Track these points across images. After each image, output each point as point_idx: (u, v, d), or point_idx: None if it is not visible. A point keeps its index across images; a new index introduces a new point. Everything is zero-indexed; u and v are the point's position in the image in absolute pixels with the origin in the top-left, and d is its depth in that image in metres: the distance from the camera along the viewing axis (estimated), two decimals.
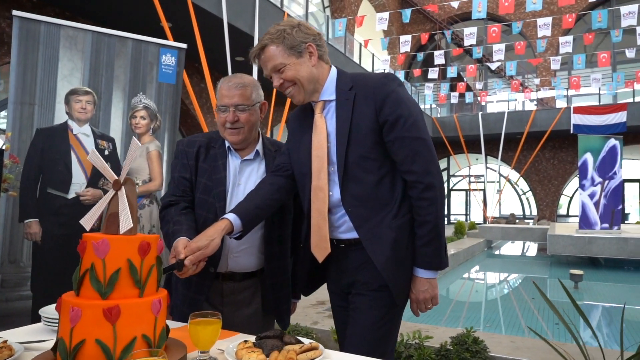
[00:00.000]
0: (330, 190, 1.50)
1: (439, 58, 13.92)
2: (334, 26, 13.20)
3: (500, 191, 17.21)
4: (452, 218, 20.27)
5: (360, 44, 15.07)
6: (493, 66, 15.75)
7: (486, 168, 17.54)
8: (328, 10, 16.55)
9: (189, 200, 1.66)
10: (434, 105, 19.29)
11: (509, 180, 18.09)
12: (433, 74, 14.90)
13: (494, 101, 18.91)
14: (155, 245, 1.14)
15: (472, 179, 19.91)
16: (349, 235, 1.51)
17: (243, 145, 1.71)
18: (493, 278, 8.71)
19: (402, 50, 13.18)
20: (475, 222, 13.88)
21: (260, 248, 1.67)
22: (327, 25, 14.50)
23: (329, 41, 12.68)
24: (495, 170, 17.82)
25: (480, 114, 17.15)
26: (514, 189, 19.73)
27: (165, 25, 6.37)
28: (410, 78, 20.50)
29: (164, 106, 2.75)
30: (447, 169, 20.56)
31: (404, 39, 13.08)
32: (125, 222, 1.10)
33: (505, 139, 16.35)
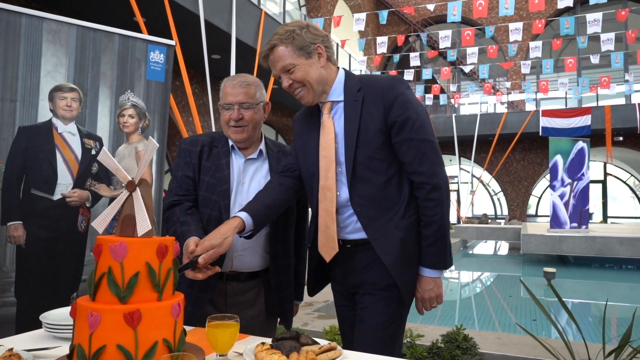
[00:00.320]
0: (338, 190, 1.51)
1: (415, 60, 14.14)
2: None
3: (473, 192, 17.61)
4: None
5: (337, 44, 15.13)
6: (466, 69, 16.10)
7: (460, 169, 17.91)
8: (304, 10, 16.54)
9: (192, 199, 1.64)
10: None
11: (482, 181, 18.52)
12: (408, 75, 15.08)
13: (465, 103, 19.32)
14: (172, 247, 1.11)
15: None
16: (356, 236, 1.52)
17: (247, 144, 1.71)
18: (470, 277, 8.90)
19: (379, 51, 13.30)
20: (451, 223, 14.16)
21: (265, 247, 1.67)
22: None
23: None
24: (468, 172, 18.21)
25: (454, 115, 17.49)
26: (486, 189, 20.22)
27: (140, 20, 6.22)
28: None
29: (152, 105, 2.68)
30: None
31: (380, 40, 13.21)
32: (143, 225, 1.07)
33: (477, 140, 16.72)
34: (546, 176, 18.57)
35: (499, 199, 20.26)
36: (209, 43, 7.66)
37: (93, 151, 2.46)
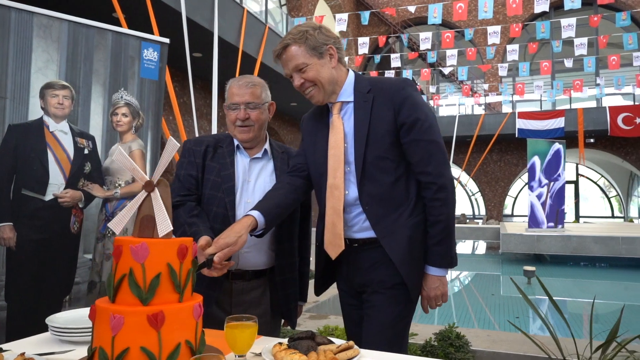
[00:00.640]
0: (347, 189, 1.53)
1: (395, 61, 14.28)
2: (292, 25, 13.19)
3: None
4: None
5: None
6: (446, 71, 16.34)
7: None
8: (285, 9, 16.50)
9: (195, 199, 1.64)
10: None
11: (460, 182, 18.84)
12: (389, 76, 15.25)
13: (444, 105, 19.61)
14: (192, 248, 1.10)
15: None
16: (363, 235, 1.55)
17: (253, 144, 1.73)
18: (451, 276, 9.04)
19: (361, 52, 13.39)
20: None
21: (270, 245, 1.68)
22: (286, 23, 14.48)
23: None
24: None
25: None
26: (464, 190, 20.57)
27: (120, 15, 6.09)
28: None
29: (146, 103, 2.64)
30: None
31: (362, 40, 13.29)
32: (164, 225, 1.06)
33: (456, 141, 16.99)
34: (522, 177, 19.06)
35: (476, 199, 20.64)
36: (190, 41, 7.56)
37: (86, 150, 2.41)
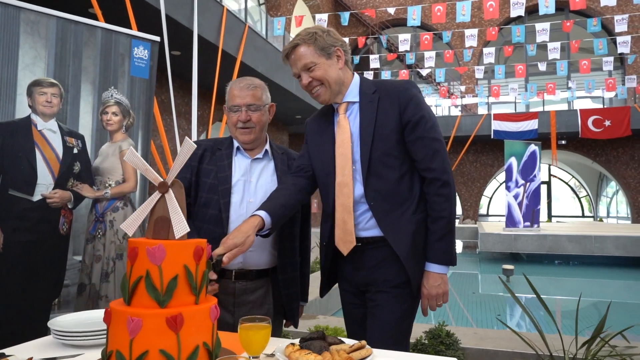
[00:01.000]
0: (353, 187, 1.55)
1: (374, 62, 14.39)
2: (272, 24, 13.14)
3: None
4: None
5: None
6: (424, 72, 16.56)
7: None
8: (263, 8, 16.42)
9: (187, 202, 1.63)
10: None
11: None
12: (367, 77, 15.34)
13: None
14: (206, 249, 1.10)
15: None
16: (368, 233, 1.57)
17: (253, 145, 1.74)
18: None
19: None
20: None
21: (273, 244, 1.69)
22: (265, 22, 14.41)
23: (268, 39, 12.58)
24: None
25: None
26: None
27: (97, 11, 5.94)
28: None
29: (137, 102, 2.60)
30: None
31: None
32: (180, 227, 1.05)
33: None
34: (497, 177, 19.48)
35: None
36: (169, 39, 7.44)
37: (75, 150, 2.35)
